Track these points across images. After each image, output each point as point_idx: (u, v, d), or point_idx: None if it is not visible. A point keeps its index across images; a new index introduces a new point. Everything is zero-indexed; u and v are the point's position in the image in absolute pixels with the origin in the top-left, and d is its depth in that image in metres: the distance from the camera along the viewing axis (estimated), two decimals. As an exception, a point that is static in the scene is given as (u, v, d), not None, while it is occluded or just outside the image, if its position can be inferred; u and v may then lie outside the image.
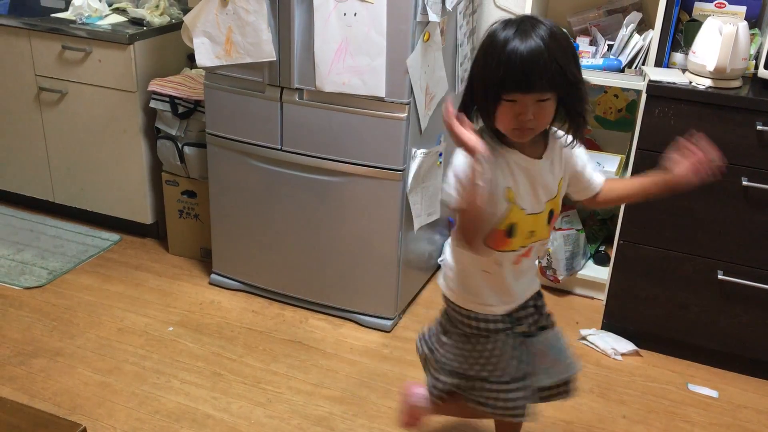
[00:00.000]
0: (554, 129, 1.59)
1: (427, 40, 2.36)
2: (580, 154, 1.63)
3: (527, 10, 2.66)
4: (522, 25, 1.41)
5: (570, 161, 1.62)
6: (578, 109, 1.49)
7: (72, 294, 2.86)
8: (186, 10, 2.80)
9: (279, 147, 2.57)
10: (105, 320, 2.70)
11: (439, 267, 3.11)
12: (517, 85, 1.40)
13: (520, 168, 1.54)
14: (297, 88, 2.47)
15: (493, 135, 1.53)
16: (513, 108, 1.43)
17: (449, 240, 1.76)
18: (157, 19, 3.02)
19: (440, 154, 2.69)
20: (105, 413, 2.24)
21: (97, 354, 2.51)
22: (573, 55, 1.46)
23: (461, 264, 1.70)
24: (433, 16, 2.32)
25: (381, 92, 2.34)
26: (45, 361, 2.47)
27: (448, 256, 1.75)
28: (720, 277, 2.43)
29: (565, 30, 1.54)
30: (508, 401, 1.72)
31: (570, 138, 1.56)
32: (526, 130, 1.46)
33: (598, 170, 1.69)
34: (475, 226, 1.46)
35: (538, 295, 1.79)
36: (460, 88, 2.80)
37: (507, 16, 2.94)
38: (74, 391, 2.33)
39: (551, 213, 1.63)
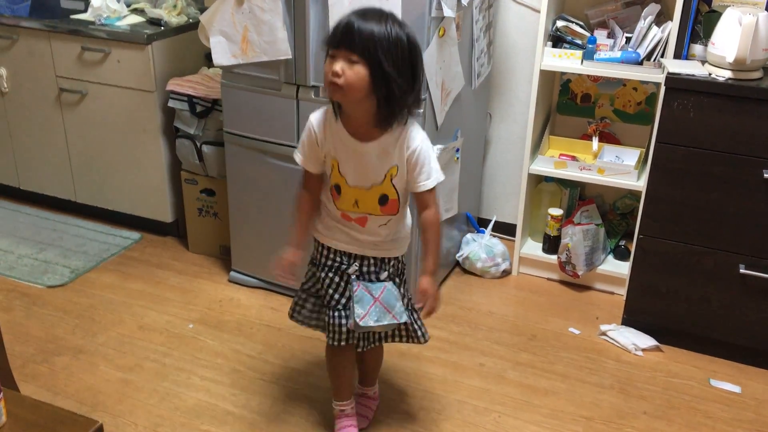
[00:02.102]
0: (396, 127, 1.78)
1: (443, 35, 2.35)
2: (416, 148, 1.80)
3: (544, 3, 2.65)
4: (367, 8, 1.72)
5: (408, 151, 1.80)
6: (390, 102, 1.70)
7: (94, 292, 2.90)
8: (203, 10, 2.81)
9: (295, 144, 2.57)
10: (126, 318, 2.74)
11: (457, 263, 3.11)
12: (333, 38, 1.69)
13: (344, 144, 1.81)
14: (313, 86, 2.47)
15: (335, 113, 1.81)
16: (330, 63, 1.69)
17: None
18: (174, 19, 3.05)
19: (457, 150, 2.69)
20: (126, 410, 2.26)
21: (119, 351, 2.54)
22: (394, 53, 1.67)
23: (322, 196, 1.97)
24: (448, 12, 2.31)
25: (396, 88, 2.34)
26: (67, 358, 2.50)
27: None
28: (742, 270, 2.40)
29: (412, 38, 1.72)
30: (325, 322, 2.00)
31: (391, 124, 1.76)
32: (335, 85, 1.68)
33: (429, 181, 1.83)
34: None
35: (385, 260, 1.95)
36: (477, 83, 2.79)
37: (524, 10, 2.95)
38: (96, 388, 2.36)
39: (384, 198, 1.85)
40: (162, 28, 3.01)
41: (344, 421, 2.14)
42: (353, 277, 1.94)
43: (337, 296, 1.96)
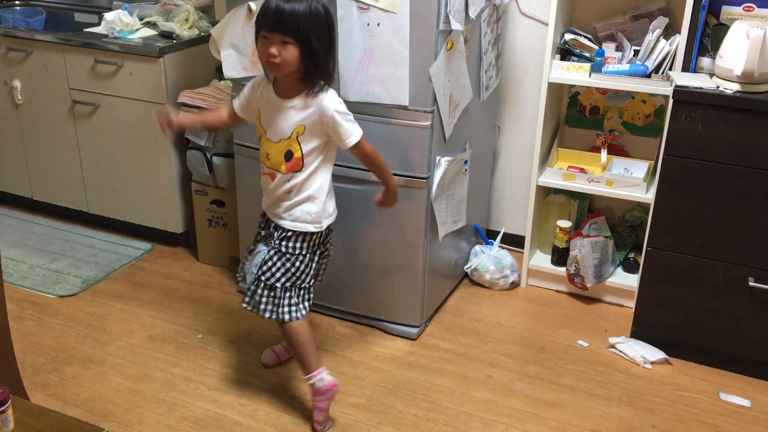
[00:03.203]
0: (310, 90, 2.04)
1: (450, 48, 2.37)
2: (335, 117, 2.06)
3: (552, 16, 2.66)
4: None
5: (324, 119, 2.05)
6: (316, 68, 2.00)
7: (104, 302, 2.92)
8: (214, 23, 2.85)
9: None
10: (136, 328, 2.76)
11: (466, 275, 3.11)
12: (266, 23, 1.94)
13: (267, 99, 2.11)
14: (322, 98, 2.50)
15: (268, 77, 2.11)
16: (265, 43, 1.96)
17: None
18: (186, 33, 3.08)
19: (465, 162, 2.70)
20: (135, 419, 2.28)
21: (128, 361, 2.56)
22: (317, 25, 1.95)
23: None
24: (456, 25, 2.33)
25: (405, 101, 2.36)
26: (77, 367, 2.52)
27: None
28: (751, 283, 2.39)
29: (328, 9, 2.00)
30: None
31: (311, 88, 2.04)
32: (272, 64, 1.96)
33: (353, 136, 2.09)
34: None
35: (276, 230, 2.18)
36: (485, 95, 2.80)
37: (532, 23, 2.96)
38: (105, 398, 2.37)
39: (289, 153, 2.08)
40: (174, 41, 3.04)
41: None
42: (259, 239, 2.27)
43: (249, 256, 2.28)
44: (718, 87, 2.32)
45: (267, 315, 2.20)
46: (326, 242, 2.28)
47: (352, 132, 2.09)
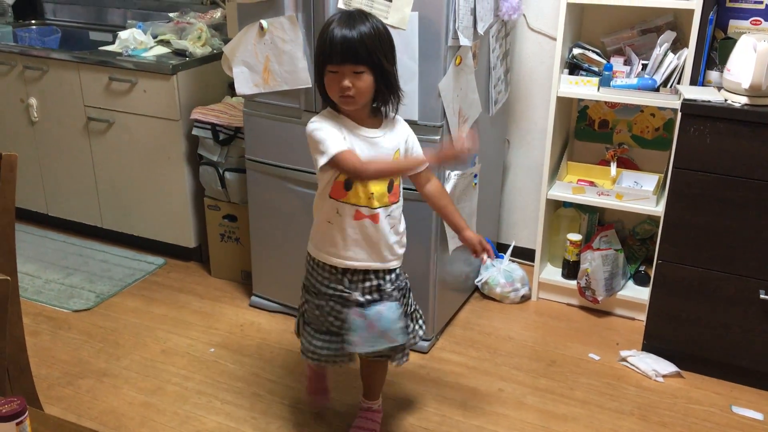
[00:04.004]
0: (389, 111, 1.95)
1: (459, 63, 2.39)
2: (413, 135, 2.02)
3: (560, 32, 2.69)
4: (347, 15, 1.82)
5: (409, 135, 1.99)
6: (389, 89, 1.88)
7: (118, 316, 2.95)
8: (226, 41, 2.89)
9: (316, 171, 2.62)
10: (149, 342, 2.78)
11: (476, 288, 3.12)
12: (335, 57, 1.79)
13: (358, 135, 1.90)
14: (332, 114, 2.52)
15: (333, 108, 1.92)
16: (335, 78, 1.81)
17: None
18: (199, 50, 3.13)
19: (475, 176, 2.71)
20: (148, 432, 2.30)
21: (142, 375, 2.58)
22: (384, 45, 1.84)
23: (315, 217, 2.04)
24: (465, 41, 2.35)
25: (414, 116, 2.38)
26: (92, 381, 2.55)
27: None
28: (762, 296, 2.38)
29: (386, 26, 1.89)
30: (315, 348, 2.08)
31: (390, 110, 1.94)
32: (348, 98, 1.82)
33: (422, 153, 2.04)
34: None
35: (387, 274, 2.02)
36: (494, 110, 2.83)
37: (541, 38, 2.99)
38: (119, 411, 2.39)
39: (391, 183, 1.95)
40: (187, 58, 3.09)
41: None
42: (352, 303, 2.00)
43: (338, 323, 2.03)
44: (726, 100, 2.33)
45: (416, 342, 2.16)
46: None
47: (421, 149, 2.05)
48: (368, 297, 2.01)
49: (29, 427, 1.18)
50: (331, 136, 1.86)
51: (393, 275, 2.04)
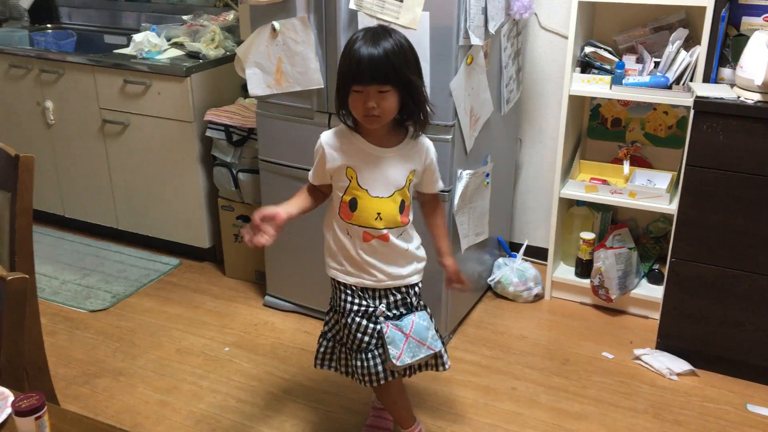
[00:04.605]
0: (414, 131, 1.89)
1: (471, 63, 2.40)
2: (434, 161, 1.96)
3: (572, 30, 2.69)
4: (371, 33, 1.77)
5: (426, 162, 1.93)
6: (417, 105, 1.82)
7: (134, 316, 2.98)
8: (239, 43, 2.92)
9: (328, 171, 2.63)
10: (165, 341, 2.81)
11: (489, 287, 3.12)
12: (360, 77, 1.74)
13: (364, 153, 1.86)
14: (344, 114, 2.54)
15: (349, 124, 1.87)
16: (360, 97, 1.76)
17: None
18: (212, 52, 3.15)
19: (487, 174, 2.72)
20: (164, 431, 2.32)
21: (157, 374, 2.61)
22: (409, 61, 1.79)
23: (326, 235, 2.01)
24: (476, 40, 2.36)
25: (426, 115, 2.39)
26: (108, 380, 2.57)
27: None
28: (777, 294, 2.37)
29: (409, 42, 1.83)
30: (357, 367, 1.99)
31: (415, 129, 1.88)
32: (372, 117, 1.78)
33: (440, 182, 2.03)
34: None
35: (411, 288, 2.00)
36: (506, 109, 2.83)
37: (552, 36, 2.99)
38: (135, 410, 2.42)
39: (403, 204, 1.91)
40: (200, 60, 3.12)
41: None
42: (381, 318, 1.95)
43: (367, 339, 1.96)
44: (738, 97, 2.32)
45: (448, 365, 2.09)
46: None
47: (439, 178, 2.01)
48: (395, 312, 1.98)
49: (48, 422, 1.21)
50: (317, 165, 1.94)
51: (417, 288, 2.01)
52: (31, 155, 1.80)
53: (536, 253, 3.24)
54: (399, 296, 1.98)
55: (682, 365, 2.59)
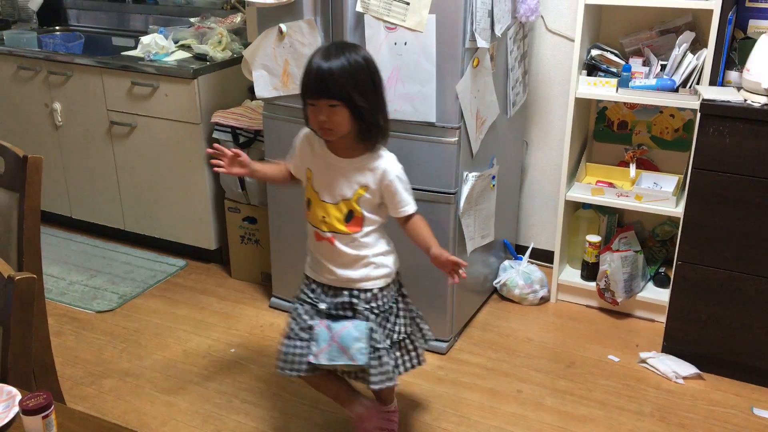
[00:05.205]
0: (381, 151, 1.94)
1: (477, 65, 2.40)
2: (394, 184, 1.95)
3: (578, 33, 2.69)
4: (330, 48, 1.86)
5: (383, 183, 1.94)
6: (367, 124, 1.87)
7: (140, 317, 2.99)
8: (246, 45, 2.92)
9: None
10: (171, 342, 2.82)
11: (495, 290, 3.12)
12: (310, 90, 1.84)
13: (323, 159, 1.96)
14: (351, 116, 2.54)
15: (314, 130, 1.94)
16: (313, 110, 1.85)
17: None
18: (219, 55, 3.17)
19: (493, 177, 2.72)
20: (170, 431, 2.33)
21: (164, 375, 2.62)
22: (359, 80, 1.83)
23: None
24: (482, 43, 2.36)
25: (432, 117, 2.40)
26: (114, 381, 2.58)
27: None
28: (784, 297, 2.37)
29: (369, 59, 1.89)
30: (280, 353, 2.06)
31: (366, 146, 1.92)
32: (325, 129, 1.86)
33: (409, 206, 1.99)
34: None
35: (362, 293, 2.00)
36: (512, 111, 2.83)
37: (558, 39, 2.99)
38: (141, 410, 2.43)
39: (350, 214, 1.95)
40: (207, 63, 3.13)
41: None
42: (321, 314, 2.01)
43: (295, 326, 2.03)
44: (745, 100, 2.32)
45: (402, 371, 2.08)
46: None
47: (408, 203, 1.98)
48: (340, 312, 2.01)
49: (55, 421, 1.21)
50: (293, 155, 2.05)
51: (369, 295, 2.00)
52: (40, 156, 1.82)
53: (542, 256, 3.24)
54: (348, 298, 2.00)
55: (688, 368, 2.58)
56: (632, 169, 2.95)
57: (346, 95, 1.81)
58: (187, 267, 3.40)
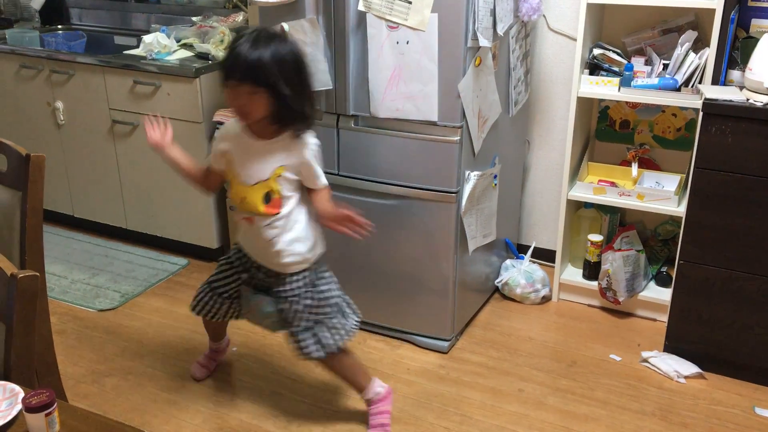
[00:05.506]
0: (298, 131, 1.99)
1: (479, 64, 2.40)
2: (311, 162, 2.03)
3: (580, 32, 2.69)
4: (256, 33, 1.88)
5: (302, 162, 2.01)
6: (287, 111, 1.92)
7: (142, 316, 3.00)
8: (248, 44, 2.92)
9: (336, 172, 2.65)
10: (173, 341, 2.82)
11: (496, 289, 3.12)
12: (226, 73, 1.89)
13: (239, 140, 2.03)
14: (352, 115, 2.55)
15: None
16: (229, 93, 1.91)
17: None
18: (221, 53, 3.16)
19: (495, 176, 2.72)
20: (171, 429, 2.33)
21: (165, 373, 2.62)
22: (282, 69, 1.87)
23: None
24: (484, 42, 2.36)
25: (434, 117, 2.40)
26: (117, 379, 2.59)
27: None
28: (786, 297, 2.37)
29: (295, 50, 1.94)
30: (196, 294, 2.36)
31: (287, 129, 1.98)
32: (241, 114, 1.93)
33: (320, 180, 2.07)
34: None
35: (276, 275, 2.12)
36: (515, 111, 2.83)
37: (561, 38, 2.99)
38: (143, 408, 2.43)
39: (268, 195, 2.02)
40: (210, 61, 3.13)
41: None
42: (246, 282, 2.21)
43: (216, 283, 2.29)
44: (747, 99, 2.32)
45: (316, 356, 2.16)
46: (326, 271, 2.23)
47: (320, 177, 2.06)
48: (258, 284, 2.18)
49: (57, 419, 1.22)
50: (214, 144, 2.13)
51: (280, 278, 2.11)
52: (42, 155, 1.82)
53: (544, 255, 3.24)
54: (263, 276, 2.16)
55: (689, 368, 2.58)
56: (634, 169, 2.94)
57: (270, 82, 1.86)
58: (189, 266, 3.41)
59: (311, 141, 2.04)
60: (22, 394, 1.28)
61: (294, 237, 2.09)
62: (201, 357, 2.61)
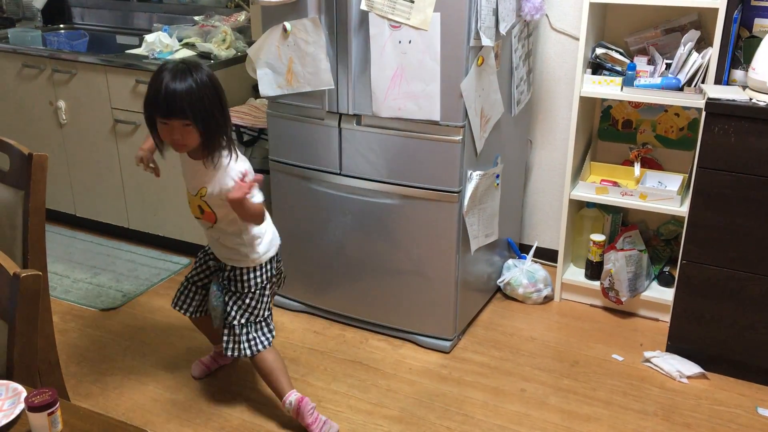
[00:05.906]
0: (223, 155, 2.05)
1: (481, 64, 2.40)
2: (228, 183, 2.04)
3: (583, 32, 2.68)
4: (177, 69, 1.94)
5: (222, 183, 2.05)
6: (214, 136, 2.00)
7: (144, 315, 3.00)
8: (250, 43, 2.92)
9: (338, 171, 2.65)
10: (175, 340, 2.82)
11: (498, 289, 3.12)
12: (164, 110, 1.94)
13: (183, 158, 2.12)
14: (355, 115, 2.55)
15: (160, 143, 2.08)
16: (165, 128, 1.98)
17: None
18: (223, 53, 3.17)
19: (497, 176, 2.72)
20: (174, 429, 2.33)
21: (168, 372, 2.62)
22: (209, 97, 1.96)
23: None
24: (487, 41, 2.36)
25: (436, 116, 2.40)
26: (119, 378, 2.59)
27: None
28: (788, 297, 2.36)
29: (214, 78, 2.00)
30: (177, 291, 2.44)
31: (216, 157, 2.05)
32: (177, 146, 2.02)
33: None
34: None
35: (228, 270, 2.22)
36: (517, 110, 2.83)
37: (563, 38, 2.99)
38: (145, 408, 2.43)
39: (200, 208, 2.14)
40: (212, 61, 3.13)
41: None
42: (214, 272, 2.32)
43: (193, 278, 2.39)
44: (750, 99, 2.31)
45: (229, 353, 2.25)
46: (273, 276, 2.29)
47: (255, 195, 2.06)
48: (219, 273, 2.28)
49: (60, 418, 1.22)
50: None
51: (232, 273, 2.21)
52: (45, 154, 1.82)
53: (546, 255, 3.24)
54: (215, 269, 2.31)
55: (692, 368, 2.58)
56: (637, 168, 2.94)
57: (199, 115, 1.94)
58: (190, 265, 3.40)
59: (233, 168, 2.05)
60: (24, 394, 1.28)
61: (238, 243, 2.17)
62: (205, 357, 2.63)
